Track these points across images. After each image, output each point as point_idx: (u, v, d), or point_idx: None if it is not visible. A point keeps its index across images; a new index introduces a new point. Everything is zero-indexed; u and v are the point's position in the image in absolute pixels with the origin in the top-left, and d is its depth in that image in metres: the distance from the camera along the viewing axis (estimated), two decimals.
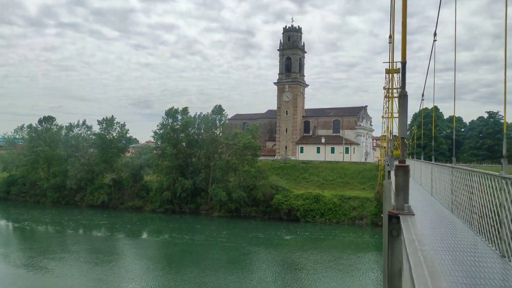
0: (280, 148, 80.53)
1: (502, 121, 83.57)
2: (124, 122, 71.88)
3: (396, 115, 57.27)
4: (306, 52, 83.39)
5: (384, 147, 58.20)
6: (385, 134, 61.05)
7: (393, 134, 65.65)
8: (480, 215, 8.28)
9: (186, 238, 41.65)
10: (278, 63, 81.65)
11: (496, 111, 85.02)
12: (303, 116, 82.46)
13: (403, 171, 2.14)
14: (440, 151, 78.22)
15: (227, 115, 67.40)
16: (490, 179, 7.50)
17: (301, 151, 79.10)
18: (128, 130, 71.80)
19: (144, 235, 45.13)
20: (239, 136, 58.79)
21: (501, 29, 9.70)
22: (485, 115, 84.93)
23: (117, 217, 53.64)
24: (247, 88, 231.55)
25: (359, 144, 77.07)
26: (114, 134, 69.76)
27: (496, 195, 7.06)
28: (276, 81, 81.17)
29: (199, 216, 54.24)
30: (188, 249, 37.41)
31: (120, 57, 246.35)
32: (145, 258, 34.79)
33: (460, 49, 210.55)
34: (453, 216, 11.05)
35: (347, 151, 74.89)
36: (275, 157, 77.09)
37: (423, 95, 23.49)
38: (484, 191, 7.95)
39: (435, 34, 15.89)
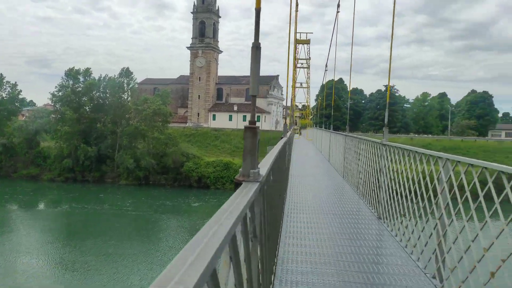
0: (192, 115, 79.14)
1: (397, 94, 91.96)
2: (16, 82, 64.02)
3: (299, 84, 59.28)
4: (220, 17, 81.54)
5: (289, 116, 60.35)
6: (294, 104, 63.22)
7: (302, 103, 68.30)
8: (364, 180, 8.86)
9: (88, 207, 39.36)
10: (192, 27, 78.78)
11: (392, 85, 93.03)
12: (216, 83, 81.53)
13: (251, 134, 1.90)
14: (344, 120, 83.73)
15: (136, 78, 63.78)
16: (373, 146, 8.01)
17: (214, 118, 78.71)
18: (20, 91, 64.31)
19: (41, 206, 41.65)
20: (149, 102, 56.18)
21: (402, 7, 10.20)
22: (383, 88, 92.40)
23: (9, 186, 48.55)
24: (160, 51, 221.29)
25: (270, 113, 78.93)
26: (4, 95, 62.03)
27: (377, 161, 7.55)
28: (189, 45, 78.49)
29: (104, 184, 51.51)
30: (90, 219, 35.45)
31: (13, 8, 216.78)
32: (41, 230, 32.19)
33: (366, 25, 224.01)
34: (344, 182, 11.75)
35: (258, 119, 76.35)
36: (187, 124, 75.68)
37: (326, 65, 24.46)
38: (368, 157, 8.48)
39: (338, 6, 16.46)
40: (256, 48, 2.12)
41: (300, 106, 75.37)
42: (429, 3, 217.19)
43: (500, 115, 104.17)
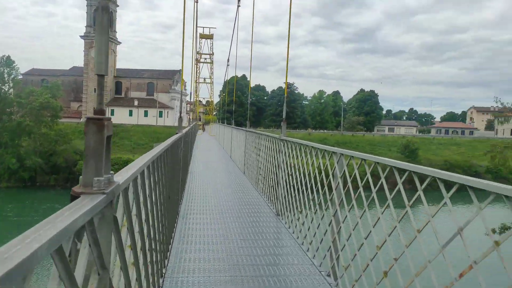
0: (87, 109, 73.12)
1: (296, 91, 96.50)
2: None
3: (202, 80, 58.68)
4: (118, 6, 76.55)
5: (192, 111, 59.23)
6: (198, 99, 62.21)
7: (206, 99, 67.64)
8: (264, 176, 8.72)
9: None
10: (86, 14, 72.66)
11: (292, 82, 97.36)
12: (114, 76, 76.50)
13: (96, 128, 1.37)
14: (247, 116, 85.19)
15: (19, 68, 56.75)
16: (272, 141, 7.88)
17: (112, 113, 73.77)
18: None
19: None
20: (35, 94, 50.35)
21: (300, 9, 10.29)
22: (284, 85, 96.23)
23: None
24: (51, 40, 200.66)
25: (173, 108, 76.67)
26: None
27: (276, 157, 7.42)
28: (83, 34, 72.30)
29: None
30: None
31: None
32: None
33: (268, 24, 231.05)
34: (244, 178, 11.56)
35: (160, 114, 73.61)
36: (81, 120, 69.79)
37: (228, 60, 24.30)
38: (267, 153, 8.35)
39: (238, 0, 16.36)
40: (102, 10, 1.51)
41: (204, 102, 74.66)
42: (324, 7, 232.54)
43: (384, 112, 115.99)
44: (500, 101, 10.45)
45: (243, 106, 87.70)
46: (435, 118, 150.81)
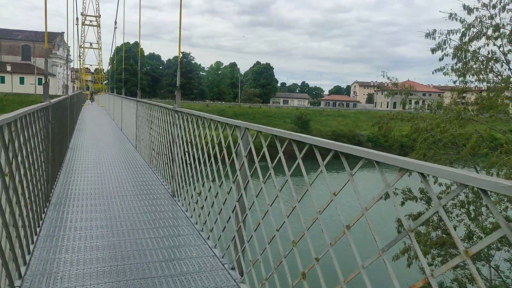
0: None
1: (193, 62, 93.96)
2: None
3: (88, 44, 53.39)
4: None
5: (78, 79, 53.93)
6: (86, 66, 56.58)
7: (95, 66, 61.75)
8: (157, 152, 7.74)
9: None
10: None
11: (188, 52, 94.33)
12: None
13: None
14: (141, 86, 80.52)
15: None
16: (165, 112, 6.91)
17: None
18: None
19: None
20: None
21: None
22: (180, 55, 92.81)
23: None
24: None
25: (55, 75, 68.60)
26: None
27: (170, 130, 6.50)
28: None
29: None
30: None
31: None
32: None
33: None
34: (136, 154, 10.35)
35: (40, 82, 65.26)
36: None
37: (115, 23, 21.94)
38: (161, 126, 7.35)
39: None
40: None
41: (92, 70, 68.22)
42: None
43: (279, 84, 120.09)
44: (386, 75, 10.93)
45: (137, 75, 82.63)
46: (324, 91, 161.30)
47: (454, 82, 9.81)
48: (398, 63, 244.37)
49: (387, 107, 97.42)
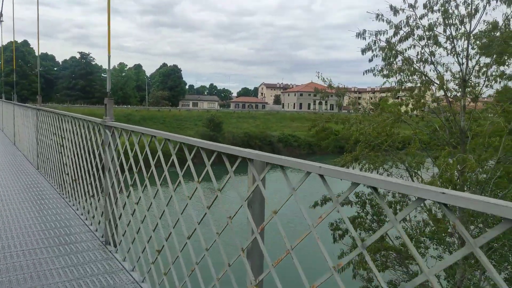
0: None
1: (94, 62, 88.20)
2: None
3: None
4: None
5: None
6: None
7: None
8: (74, 179, 6.38)
9: None
10: None
11: (88, 52, 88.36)
12: None
13: None
14: (33, 90, 73.27)
15: None
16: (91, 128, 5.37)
17: None
18: None
19: None
20: None
21: None
22: (78, 56, 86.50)
23: None
24: None
25: None
26: None
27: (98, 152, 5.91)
28: None
29: None
30: None
31: None
32: None
33: None
34: (39, 176, 8.37)
35: None
36: None
37: (1, 15, 19.82)
38: (81, 145, 6.59)
39: None
40: None
41: None
42: None
43: (187, 87, 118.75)
44: (322, 76, 10.87)
45: (27, 77, 74.95)
46: (232, 93, 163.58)
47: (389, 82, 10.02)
48: (299, 66, 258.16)
49: (294, 108, 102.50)
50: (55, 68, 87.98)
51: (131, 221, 3.71)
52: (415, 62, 9.81)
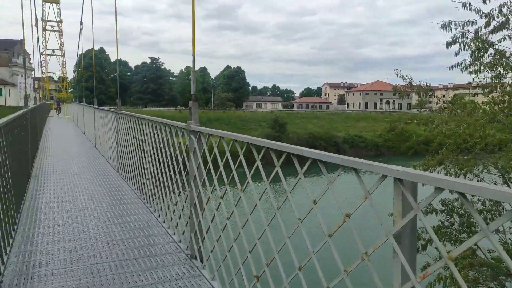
0: None
1: (163, 67, 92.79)
2: None
3: (50, 51, 51.77)
4: None
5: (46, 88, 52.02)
6: (49, 74, 54.78)
7: (58, 74, 59.93)
8: (155, 184, 6.64)
9: None
10: None
11: (157, 57, 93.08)
12: None
13: None
14: (109, 94, 78.81)
15: None
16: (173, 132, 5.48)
17: None
18: None
19: None
20: None
21: None
22: (148, 61, 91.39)
23: None
24: None
25: (16, 85, 65.98)
26: None
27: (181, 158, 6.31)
28: None
29: None
30: None
31: None
32: None
33: None
34: (120, 180, 8.32)
35: (0, 93, 62.71)
36: None
37: (81, 23, 21.71)
38: (163, 150, 7.08)
39: None
40: None
41: (56, 78, 66.00)
42: None
43: (250, 88, 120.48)
44: (401, 74, 10.13)
45: (104, 82, 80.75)
46: (295, 93, 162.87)
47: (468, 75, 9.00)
48: (363, 64, 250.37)
49: (359, 107, 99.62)
50: (128, 73, 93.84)
51: (221, 236, 3.36)
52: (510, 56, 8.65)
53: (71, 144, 15.91)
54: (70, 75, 69.33)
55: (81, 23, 29.38)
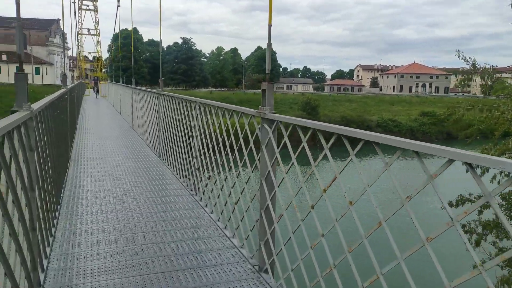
0: None
1: (194, 47, 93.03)
2: None
3: (86, 31, 52.69)
4: None
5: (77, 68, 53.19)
6: (84, 54, 56.01)
7: (93, 54, 61.21)
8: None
9: None
10: None
11: (189, 38, 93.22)
12: None
13: None
14: (141, 74, 79.99)
15: None
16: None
17: None
18: None
19: None
20: None
21: None
22: (180, 41, 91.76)
23: None
24: None
25: (52, 64, 68.13)
26: None
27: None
28: None
29: None
30: None
31: None
32: None
33: None
34: (162, 165, 8.06)
35: (37, 71, 64.75)
36: None
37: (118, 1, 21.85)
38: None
39: None
40: None
41: (91, 58, 67.54)
42: None
43: (281, 69, 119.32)
44: (463, 56, 9.45)
45: (136, 63, 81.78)
46: (326, 76, 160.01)
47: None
48: (396, 46, 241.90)
49: (393, 90, 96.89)
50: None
51: (310, 252, 2.68)
52: None
53: (108, 125, 15.83)
54: (105, 55, 70.68)
55: (119, 6, 29.74)
